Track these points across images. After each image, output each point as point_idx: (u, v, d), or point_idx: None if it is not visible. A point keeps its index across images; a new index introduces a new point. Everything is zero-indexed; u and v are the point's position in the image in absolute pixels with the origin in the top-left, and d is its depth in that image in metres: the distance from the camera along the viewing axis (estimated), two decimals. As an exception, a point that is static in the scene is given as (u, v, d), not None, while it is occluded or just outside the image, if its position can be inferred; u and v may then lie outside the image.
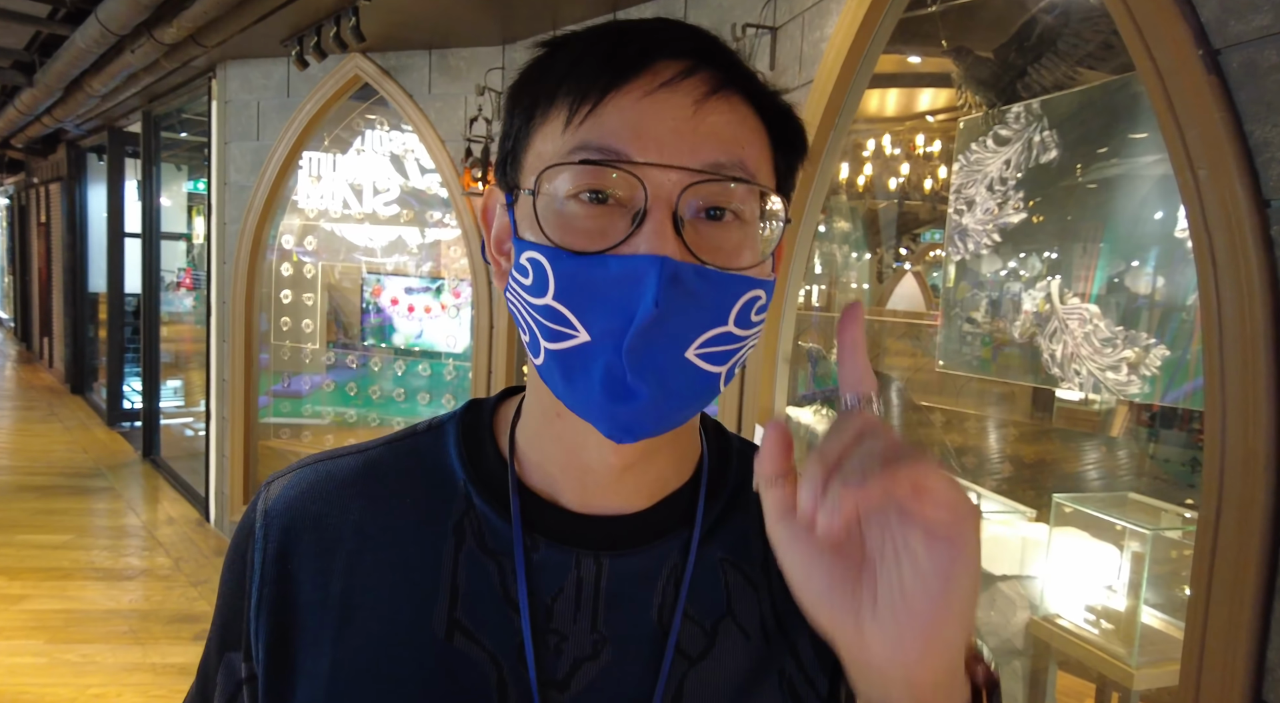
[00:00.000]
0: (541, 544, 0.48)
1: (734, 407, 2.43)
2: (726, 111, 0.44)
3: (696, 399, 0.45)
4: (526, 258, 0.44)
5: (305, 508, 0.50)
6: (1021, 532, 1.58)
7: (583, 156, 0.42)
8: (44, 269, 9.29)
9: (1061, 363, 1.72)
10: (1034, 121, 1.83)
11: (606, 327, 0.42)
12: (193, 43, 3.49)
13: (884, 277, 4.55)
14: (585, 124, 0.43)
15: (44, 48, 4.83)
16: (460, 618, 0.46)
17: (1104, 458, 2.65)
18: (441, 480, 0.51)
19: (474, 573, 0.47)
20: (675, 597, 0.48)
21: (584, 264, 0.42)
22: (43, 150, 8.01)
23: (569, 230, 0.43)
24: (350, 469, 0.52)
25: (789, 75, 2.24)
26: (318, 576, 0.48)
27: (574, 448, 0.48)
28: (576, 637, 0.46)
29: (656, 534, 0.49)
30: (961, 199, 2.05)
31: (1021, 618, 1.51)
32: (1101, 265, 1.72)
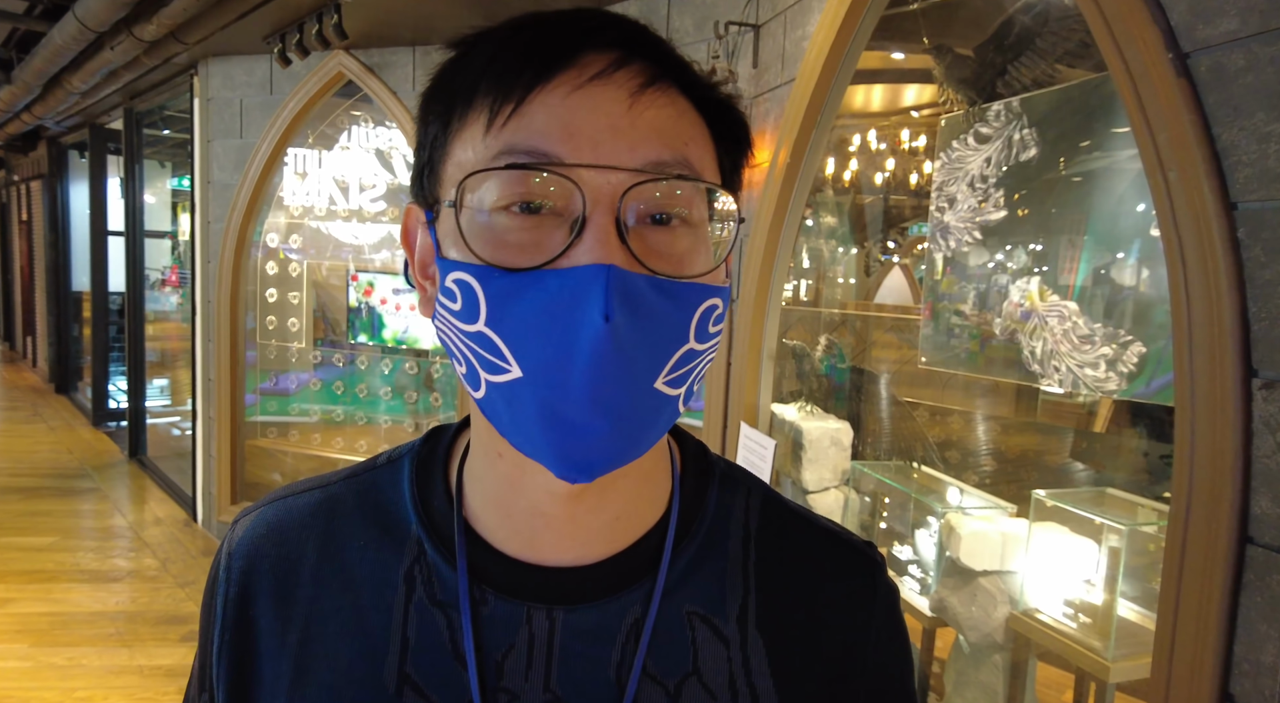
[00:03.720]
0: (490, 597, 0.45)
1: (719, 405, 2.44)
2: (665, 105, 0.39)
3: (657, 428, 0.41)
4: (453, 280, 0.39)
5: (265, 550, 0.48)
6: (1002, 527, 1.60)
7: (509, 161, 0.37)
8: (26, 268, 9.18)
9: (1042, 360, 1.73)
10: (1014, 119, 1.84)
11: (551, 353, 0.37)
12: (173, 40, 3.46)
13: (871, 270, 4.57)
14: (509, 125, 0.38)
15: (21, 44, 4.77)
16: (410, 673, 0.44)
17: (1085, 453, 2.68)
18: (394, 523, 0.48)
19: (424, 626, 0.45)
20: (635, 653, 0.44)
21: (518, 283, 0.38)
22: (23, 147, 7.91)
23: (499, 245, 0.38)
24: (309, 507, 0.49)
25: (772, 73, 2.25)
26: (276, 622, 0.47)
27: (520, 489, 0.44)
28: (528, 695, 0.43)
29: (616, 586, 0.45)
30: (943, 196, 2.06)
31: (1002, 613, 1.53)
32: (1081, 262, 1.74)
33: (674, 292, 0.39)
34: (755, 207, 2.28)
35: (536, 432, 0.39)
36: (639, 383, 0.38)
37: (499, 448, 0.44)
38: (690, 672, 0.44)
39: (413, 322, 3.81)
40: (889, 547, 2.05)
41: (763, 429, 2.24)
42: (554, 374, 0.37)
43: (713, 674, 0.45)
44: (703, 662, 0.45)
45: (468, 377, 0.41)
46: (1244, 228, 0.92)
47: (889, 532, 2.09)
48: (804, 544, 0.50)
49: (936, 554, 1.79)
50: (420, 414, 3.89)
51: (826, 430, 2.14)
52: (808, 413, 2.27)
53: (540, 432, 0.38)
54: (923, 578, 1.89)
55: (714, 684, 0.45)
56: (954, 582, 1.64)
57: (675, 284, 0.39)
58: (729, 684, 0.45)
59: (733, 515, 0.49)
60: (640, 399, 0.39)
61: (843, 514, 2.14)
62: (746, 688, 0.45)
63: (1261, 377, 0.89)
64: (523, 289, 0.37)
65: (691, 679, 0.44)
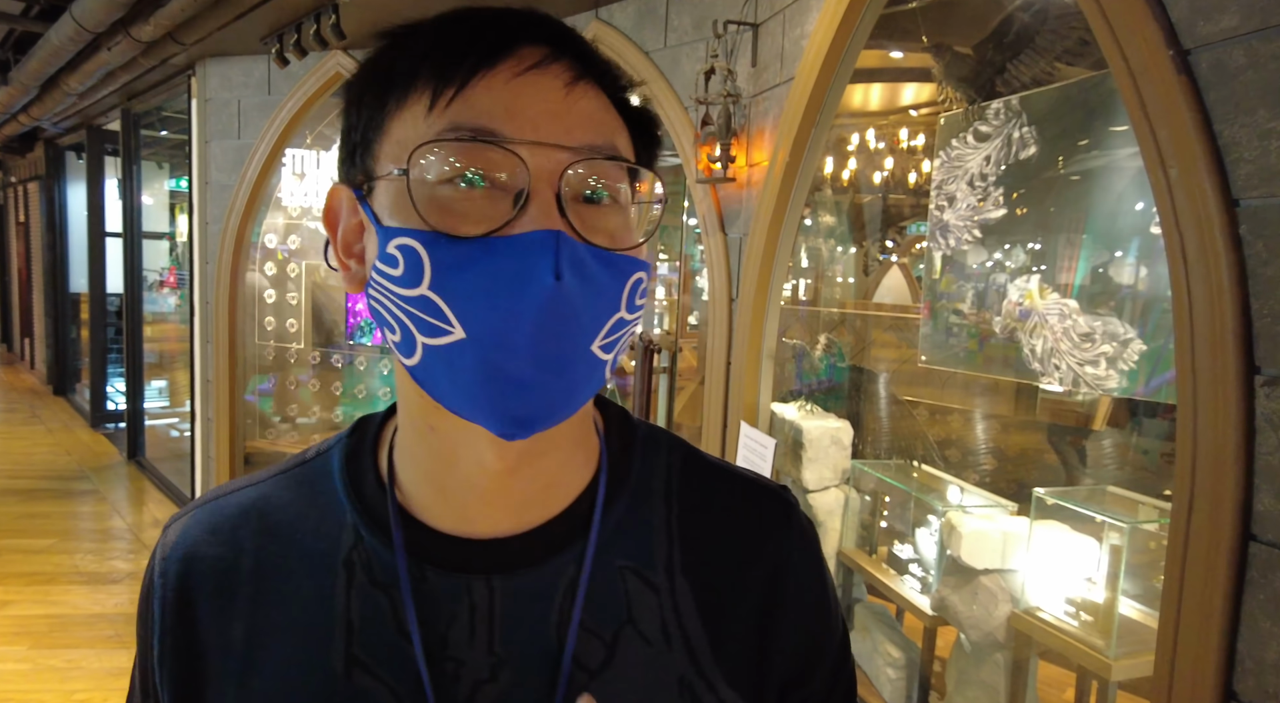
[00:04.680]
0: (430, 574, 0.46)
1: (720, 404, 2.44)
2: (594, 97, 0.43)
3: (589, 389, 0.44)
4: (396, 246, 0.41)
5: (200, 552, 0.49)
6: (1003, 526, 1.59)
7: (457, 136, 0.40)
8: (23, 269, 9.17)
9: (1042, 358, 1.73)
10: (1013, 118, 1.84)
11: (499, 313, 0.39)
12: (171, 41, 3.45)
13: (870, 270, 4.57)
14: (453, 106, 0.41)
15: (18, 45, 4.76)
16: (357, 653, 0.46)
17: (1085, 451, 2.68)
18: (330, 512, 0.49)
19: (367, 608, 0.46)
20: (572, 609, 0.46)
21: (466, 248, 0.40)
22: (20, 149, 7.89)
23: (445, 214, 0.40)
24: (242, 506, 0.50)
25: (770, 72, 2.25)
26: (219, 620, 0.47)
27: (451, 461, 0.46)
28: (473, 662, 0.45)
29: (552, 549, 0.48)
30: (943, 195, 2.06)
31: (1003, 611, 1.53)
32: (1080, 261, 1.74)
33: (610, 261, 0.42)
34: (755, 206, 2.28)
35: (478, 390, 0.40)
36: (579, 342, 0.41)
37: (431, 421, 0.45)
38: (625, 620, 0.47)
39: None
40: (889, 546, 2.05)
41: (762, 429, 2.24)
42: (500, 333, 0.39)
43: (646, 622, 0.48)
44: (636, 611, 0.48)
45: (401, 344, 0.42)
46: (1246, 225, 0.92)
47: (889, 531, 2.09)
48: (723, 494, 0.53)
49: (937, 553, 1.79)
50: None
51: (827, 429, 2.14)
52: (808, 412, 2.27)
53: (481, 390, 0.40)
54: (924, 577, 1.89)
55: (648, 631, 0.48)
56: (955, 580, 1.64)
57: (611, 254, 0.42)
58: (661, 629, 0.48)
59: (656, 474, 0.53)
60: (579, 358, 0.41)
61: (843, 513, 2.14)
62: (677, 630, 0.48)
63: (1264, 374, 0.89)
64: (471, 254, 0.40)
65: (627, 628, 0.47)
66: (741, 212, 2.38)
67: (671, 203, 7.52)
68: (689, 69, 2.55)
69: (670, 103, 2.58)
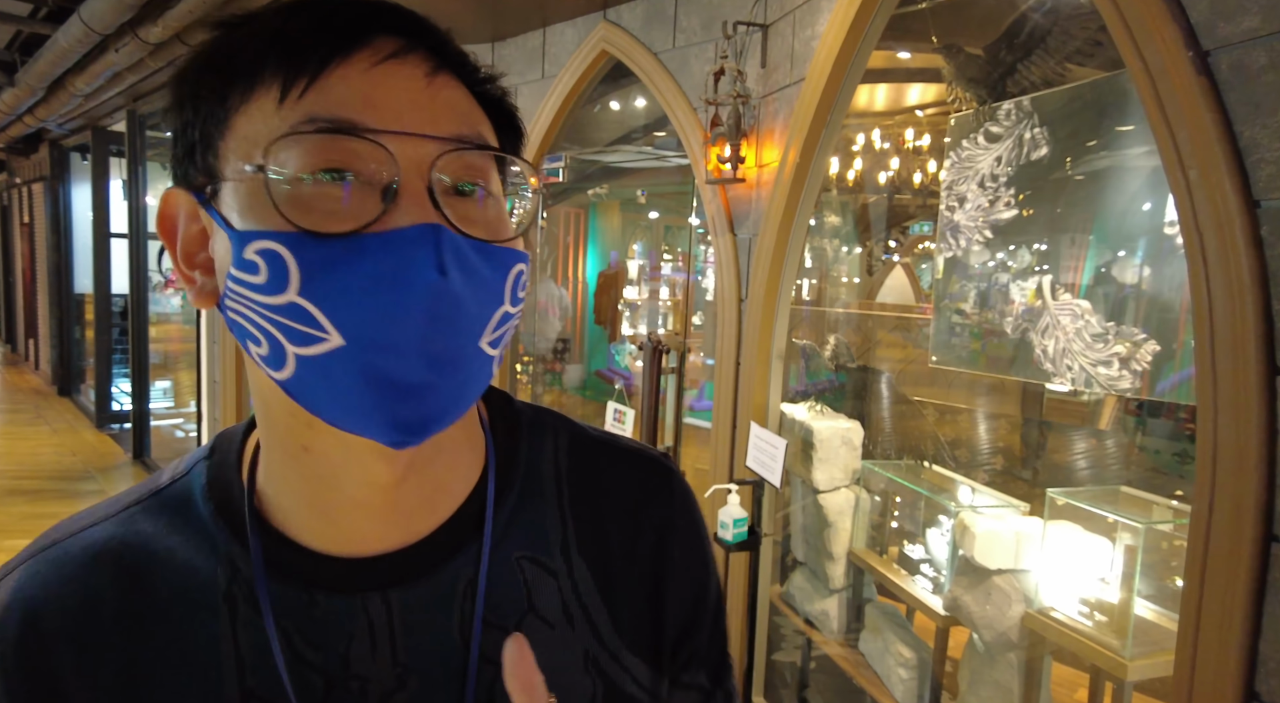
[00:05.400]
0: (319, 598, 0.44)
1: (729, 404, 2.44)
2: (454, 87, 0.41)
3: (479, 388, 0.42)
4: (256, 250, 0.37)
5: (48, 598, 0.43)
6: (1015, 526, 1.60)
7: (316, 127, 0.37)
8: (28, 270, 9.18)
9: (1054, 358, 1.73)
10: (1024, 118, 1.84)
11: (380, 314, 0.36)
12: (178, 42, 3.46)
13: (874, 270, 4.57)
14: (307, 97, 0.38)
15: (25, 47, 4.77)
16: (252, 686, 0.43)
17: (1093, 450, 2.68)
18: (199, 543, 0.45)
19: (255, 641, 0.44)
20: (473, 609, 0.46)
21: (336, 248, 0.36)
22: (24, 150, 7.91)
23: (310, 211, 0.37)
24: (90, 549, 0.44)
25: (780, 73, 2.25)
26: (85, 678, 0.42)
27: (332, 482, 0.43)
28: (378, 675, 0.44)
29: (445, 556, 0.46)
30: (953, 196, 2.06)
31: (1017, 611, 1.53)
32: (1091, 261, 1.74)
33: (491, 253, 0.41)
34: (764, 206, 2.28)
35: (362, 398, 0.38)
36: (468, 340, 0.39)
37: (304, 442, 0.42)
38: (527, 609, 0.47)
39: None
40: (900, 546, 2.05)
41: (772, 429, 2.24)
42: (383, 335, 0.37)
43: (547, 607, 0.48)
44: (537, 598, 0.48)
45: (269, 358, 0.39)
46: (1266, 226, 0.92)
47: (900, 531, 2.09)
48: (609, 468, 0.54)
49: (949, 553, 1.79)
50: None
51: (837, 430, 2.14)
52: (818, 412, 2.27)
53: (366, 398, 0.38)
54: (935, 577, 1.89)
55: (549, 615, 0.48)
56: (968, 581, 1.64)
57: (491, 247, 0.41)
58: (563, 611, 0.48)
59: (545, 459, 0.52)
60: (470, 356, 0.40)
61: (853, 513, 2.14)
62: (579, 609, 0.49)
63: (1285, 375, 0.89)
64: (342, 253, 0.36)
65: (529, 616, 0.47)
66: (751, 212, 2.38)
67: (677, 203, 7.51)
68: (698, 70, 2.55)
69: (679, 103, 2.58)
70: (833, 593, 2.17)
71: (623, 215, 7.24)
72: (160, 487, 0.47)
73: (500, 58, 3.37)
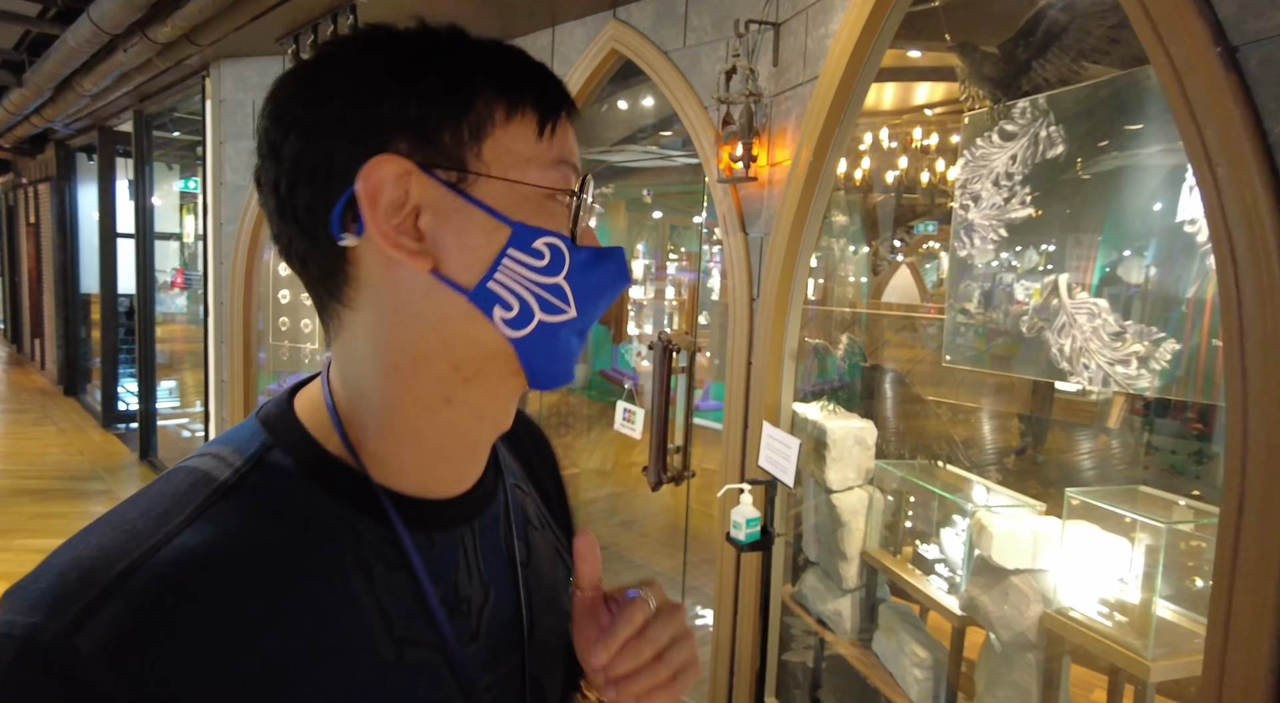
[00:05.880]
0: (437, 538, 0.51)
1: (740, 404, 2.44)
2: None
3: None
4: (545, 243, 0.47)
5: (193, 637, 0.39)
6: (1033, 526, 1.59)
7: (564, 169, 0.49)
8: (34, 270, 9.20)
9: (1070, 357, 1.72)
10: (1040, 116, 1.84)
11: (601, 304, 0.51)
12: (187, 42, 3.46)
13: (880, 269, 4.56)
14: (555, 138, 0.48)
15: (33, 47, 4.78)
16: (401, 634, 0.47)
17: (1102, 449, 2.67)
18: (308, 523, 0.45)
19: (394, 591, 0.48)
20: (510, 527, 0.58)
21: (593, 255, 0.50)
22: (31, 150, 7.92)
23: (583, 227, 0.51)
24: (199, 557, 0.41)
25: (793, 71, 2.24)
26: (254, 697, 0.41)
27: (463, 430, 0.51)
28: (475, 593, 0.53)
29: (496, 486, 0.58)
30: (967, 194, 2.05)
31: (1035, 611, 1.52)
32: (1109, 259, 1.73)
33: None
34: (777, 205, 2.28)
35: (565, 358, 0.51)
36: None
37: (449, 394, 0.48)
38: (525, 521, 0.61)
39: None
40: (914, 546, 2.04)
41: (784, 429, 2.23)
42: (592, 316, 0.51)
43: (533, 517, 0.63)
44: (528, 512, 0.62)
45: (514, 320, 0.47)
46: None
47: (914, 531, 2.09)
48: None
49: (965, 553, 1.78)
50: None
51: (850, 430, 2.13)
52: (830, 412, 2.26)
53: (568, 358, 0.51)
54: (950, 577, 1.88)
55: (536, 522, 0.63)
56: (985, 580, 1.64)
57: None
58: (539, 518, 0.64)
59: None
60: None
61: (867, 513, 2.14)
62: (544, 515, 0.65)
63: (1318, 373, 0.88)
64: (596, 259, 0.50)
65: (528, 526, 0.61)
66: (763, 211, 2.38)
67: (683, 203, 7.49)
68: (709, 69, 2.55)
69: (690, 102, 2.58)
70: (845, 593, 2.17)
71: (629, 215, 7.23)
72: (226, 483, 0.45)
73: (509, 57, 3.36)
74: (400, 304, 0.46)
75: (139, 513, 0.43)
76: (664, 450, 2.72)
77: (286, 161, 0.45)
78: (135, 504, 0.44)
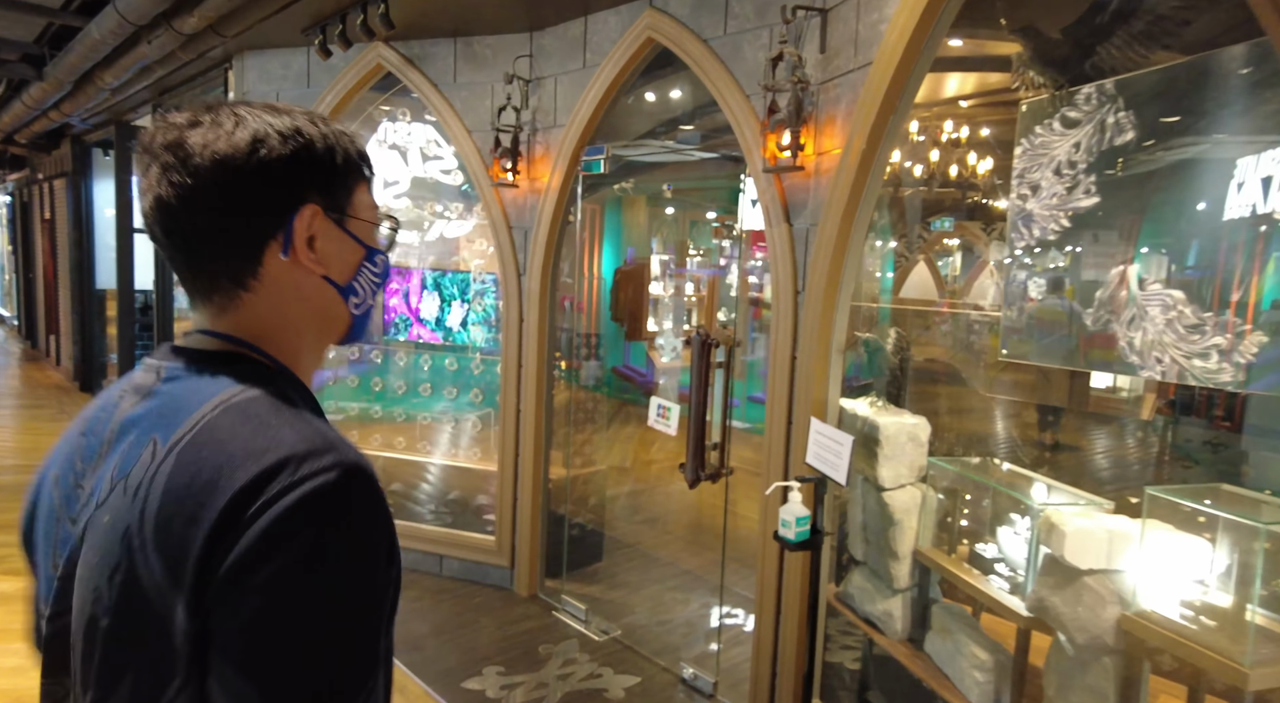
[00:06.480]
0: None
1: (784, 399, 2.39)
2: None
3: None
4: (379, 257, 0.77)
5: None
6: (1108, 524, 1.53)
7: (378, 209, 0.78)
8: (49, 266, 9.20)
9: (1141, 351, 1.67)
10: (1107, 102, 1.78)
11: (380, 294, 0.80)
12: (212, 33, 3.42)
13: (901, 264, 4.50)
14: (372, 191, 0.77)
15: (54, 40, 4.75)
16: None
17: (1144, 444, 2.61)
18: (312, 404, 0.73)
19: None
20: None
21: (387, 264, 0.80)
22: (46, 146, 7.91)
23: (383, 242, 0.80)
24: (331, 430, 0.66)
25: (843, 58, 2.19)
26: None
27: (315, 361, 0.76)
28: None
29: None
30: (1025, 184, 1.99)
31: (1111, 613, 1.47)
32: (1183, 249, 1.67)
33: None
34: (825, 195, 2.22)
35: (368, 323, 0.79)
36: None
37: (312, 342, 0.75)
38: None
39: (450, 318, 3.76)
40: (970, 545, 1.99)
41: (830, 425, 2.18)
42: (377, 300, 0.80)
43: None
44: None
45: (360, 304, 0.76)
46: None
47: (970, 530, 2.03)
48: None
49: (1028, 552, 1.73)
50: (461, 411, 3.85)
51: (903, 426, 2.08)
52: (880, 408, 2.21)
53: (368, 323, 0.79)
54: (1012, 576, 1.83)
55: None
56: (1055, 580, 1.58)
57: None
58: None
59: None
60: None
61: (919, 512, 2.08)
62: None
63: None
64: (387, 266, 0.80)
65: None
66: (809, 201, 2.33)
67: (701, 198, 7.40)
68: (750, 56, 2.50)
69: (731, 91, 2.52)
70: (896, 593, 2.11)
71: (649, 210, 7.17)
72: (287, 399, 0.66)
73: (538, 48, 3.32)
74: (299, 293, 0.70)
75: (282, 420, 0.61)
76: (702, 448, 2.67)
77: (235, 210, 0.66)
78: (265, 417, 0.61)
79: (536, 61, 3.32)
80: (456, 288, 3.78)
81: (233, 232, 0.66)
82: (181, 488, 0.56)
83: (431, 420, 3.88)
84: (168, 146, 0.64)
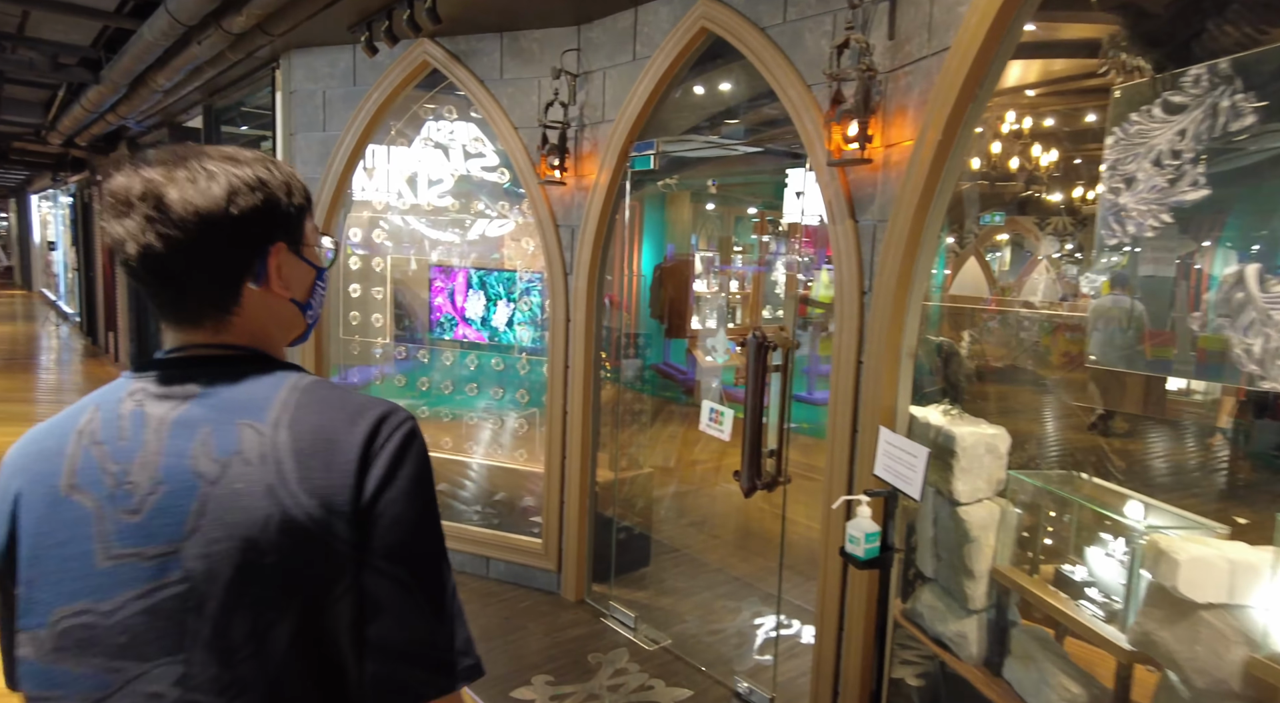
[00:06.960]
0: None
1: (849, 405, 2.26)
2: None
3: None
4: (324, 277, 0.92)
5: None
6: (1228, 553, 1.38)
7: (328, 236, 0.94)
8: (108, 266, 9.48)
9: (1261, 359, 1.51)
10: (1220, 84, 1.61)
11: None
12: (260, 32, 3.41)
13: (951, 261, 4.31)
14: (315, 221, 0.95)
15: (110, 44, 4.83)
16: None
17: (1233, 456, 2.41)
18: None
19: None
20: None
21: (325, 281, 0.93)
22: (105, 148, 8.13)
23: None
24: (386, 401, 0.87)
25: (915, 43, 2.05)
26: None
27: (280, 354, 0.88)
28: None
29: None
30: (1118, 176, 1.83)
31: (1237, 655, 1.32)
32: (1311, 247, 1.50)
33: None
34: (895, 189, 2.09)
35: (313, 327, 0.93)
36: None
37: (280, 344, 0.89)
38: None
39: (496, 318, 3.71)
40: (1057, 566, 1.84)
41: (899, 434, 2.05)
42: None
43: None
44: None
45: (312, 315, 0.90)
46: None
47: (1052, 548, 1.89)
48: None
49: (1128, 578, 1.59)
50: (506, 411, 3.79)
51: (981, 437, 1.94)
52: (954, 416, 2.07)
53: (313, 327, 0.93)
54: (1106, 603, 1.68)
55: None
56: (1165, 614, 1.44)
57: None
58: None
59: None
60: None
61: (997, 529, 1.94)
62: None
63: None
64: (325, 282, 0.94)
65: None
66: (876, 196, 2.19)
67: (745, 193, 7.25)
68: (812, 44, 2.37)
69: (791, 81, 2.40)
70: (971, 614, 1.98)
71: (693, 206, 7.04)
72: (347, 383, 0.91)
73: (586, 41, 3.23)
74: (271, 312, 0.84)
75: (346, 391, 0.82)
76: (758, 455, 2.56)
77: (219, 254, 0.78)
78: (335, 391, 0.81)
79: (584, 55, 3.23)
80: (502, 287, 3.72)
81: (217, 271, 0.79)
82: (309, 448, 0.74)
83: (477, 420, 3.84)
84: (145, 198, 0.73)
